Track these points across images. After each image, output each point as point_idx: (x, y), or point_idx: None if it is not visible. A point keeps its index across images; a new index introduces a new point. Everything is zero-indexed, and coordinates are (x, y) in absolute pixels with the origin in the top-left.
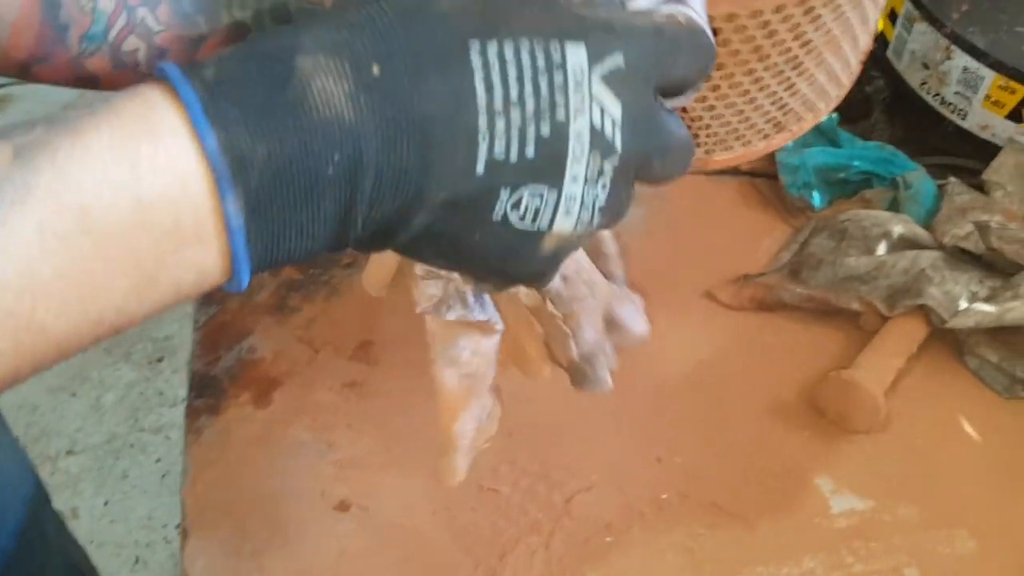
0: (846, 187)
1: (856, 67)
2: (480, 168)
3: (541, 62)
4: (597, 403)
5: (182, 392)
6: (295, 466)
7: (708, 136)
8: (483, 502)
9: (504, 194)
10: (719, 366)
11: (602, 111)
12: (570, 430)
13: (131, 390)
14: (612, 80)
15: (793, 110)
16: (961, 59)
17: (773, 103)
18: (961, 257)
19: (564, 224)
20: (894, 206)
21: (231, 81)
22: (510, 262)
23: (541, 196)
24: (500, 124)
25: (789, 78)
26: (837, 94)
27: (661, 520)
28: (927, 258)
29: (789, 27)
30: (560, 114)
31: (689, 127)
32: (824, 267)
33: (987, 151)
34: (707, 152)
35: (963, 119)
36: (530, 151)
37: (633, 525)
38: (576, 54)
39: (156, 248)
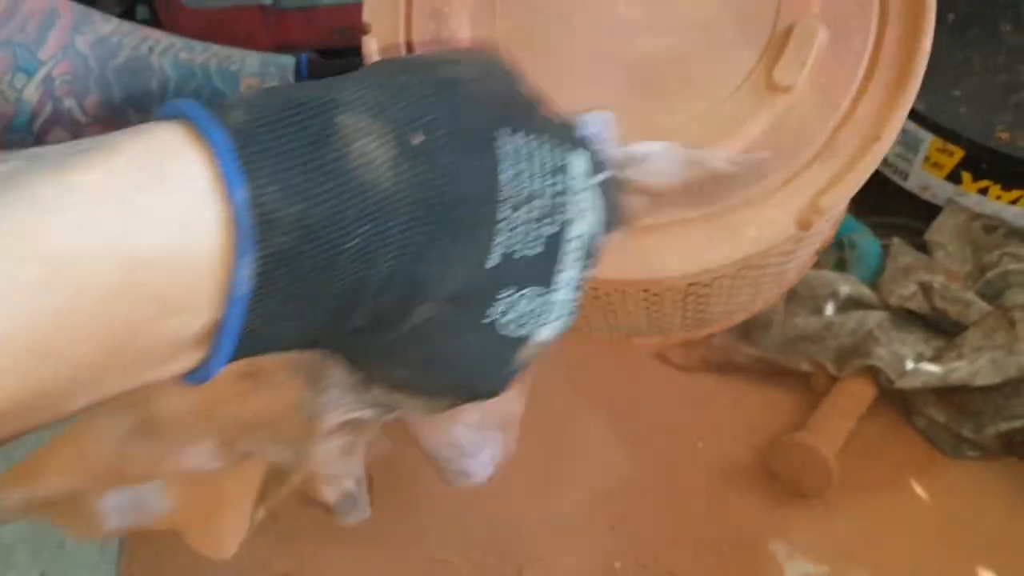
0: None
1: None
2: (491, 262)
3: (551, 162)
4: (549, 468)
5: None
6: None
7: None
8: (434, 574)
9: (504, 293)
10: (672, 429)
11: (593, 220)
12: (521, 496)
13: None
14: (602, 190)
15: (710, 319)
16: None
17: (685, 318)
18: (907, 317)
19: (544, 333)
20: (840, 266)
21: (266, 129)
22: (484, 371)
23: (533, 300)
24: (518, 218)
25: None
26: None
27: None
28: (874, 318)
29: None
30: (565, 215)
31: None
32: (774, 328)
33: (929, 211)
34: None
35: (905, 180)
36: (536, 249)
37: None
38: (578, 162)
39: (134, 314)
